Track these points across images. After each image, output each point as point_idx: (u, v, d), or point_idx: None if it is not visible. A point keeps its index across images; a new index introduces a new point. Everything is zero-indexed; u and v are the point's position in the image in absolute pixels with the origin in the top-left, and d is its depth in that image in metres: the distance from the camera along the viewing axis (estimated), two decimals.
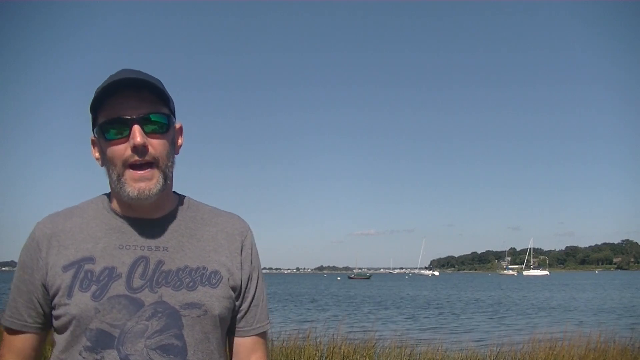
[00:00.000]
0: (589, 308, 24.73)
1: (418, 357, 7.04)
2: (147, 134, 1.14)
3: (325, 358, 6.77)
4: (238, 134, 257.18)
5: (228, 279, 1.22)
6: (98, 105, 1.15)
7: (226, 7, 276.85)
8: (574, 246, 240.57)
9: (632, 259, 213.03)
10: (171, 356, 1.12)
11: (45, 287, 1.18)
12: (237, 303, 1.26)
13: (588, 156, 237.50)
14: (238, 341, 1.29)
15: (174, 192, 1.30)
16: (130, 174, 1.13)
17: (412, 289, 53.12)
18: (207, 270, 1.20)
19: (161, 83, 1.21)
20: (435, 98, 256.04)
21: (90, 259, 1.16)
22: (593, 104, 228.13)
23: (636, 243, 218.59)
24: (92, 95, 1.16)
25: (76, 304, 1.12)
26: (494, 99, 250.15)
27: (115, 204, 1.23)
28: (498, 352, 7.41)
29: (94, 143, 1.23)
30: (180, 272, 1.18)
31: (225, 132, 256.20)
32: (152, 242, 1.19)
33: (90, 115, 1.20)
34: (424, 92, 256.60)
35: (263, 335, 1.31)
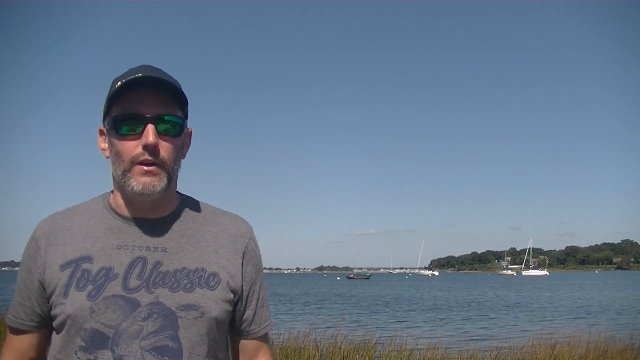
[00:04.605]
0: (588, 308, 24.71)
1: (418, 357, 7.03)
2: (160, 134, 1.12)
3: (325, 358, 6.76)
4: (238, 134, 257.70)
5: (227, 281, 1.20)
6: (114, 97, 1.13)
7: (227, 7, 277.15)
8: (574, 246, 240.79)
9: (632, 259, 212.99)
10: (166, 358, 1.11)
11: (42, 284, 1.17)
12: (240, 306, 1.25)
13: (588, 156, 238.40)
14: (244, 343, 1.29)
15: (178, 192, 1.28)
16: (137, 168, 1.12)
17: (415, 289, 53.02)
18: (205, 272, 1.19)
19: (180, 86, 1.19)
20: (435, 98, 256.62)
21: (88, 258, 1.15)
22: (593, 104, 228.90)
23: (636, 243, 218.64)
24: (109, 85, 1.15)
25: (71, 304, 1.11)
26: (494, 99, 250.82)
27: (116, 203, 1.21)
28: (498, 352, 7.41)
29: (101, 133, 1.21)
30: (178, 273, 1.16)
31: (225, 132, 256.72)
32: (150, 243, 1.18)
33: (102, 105, 1.17)
34: (424, 92, 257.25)
35: (266, 334, 1.32)
